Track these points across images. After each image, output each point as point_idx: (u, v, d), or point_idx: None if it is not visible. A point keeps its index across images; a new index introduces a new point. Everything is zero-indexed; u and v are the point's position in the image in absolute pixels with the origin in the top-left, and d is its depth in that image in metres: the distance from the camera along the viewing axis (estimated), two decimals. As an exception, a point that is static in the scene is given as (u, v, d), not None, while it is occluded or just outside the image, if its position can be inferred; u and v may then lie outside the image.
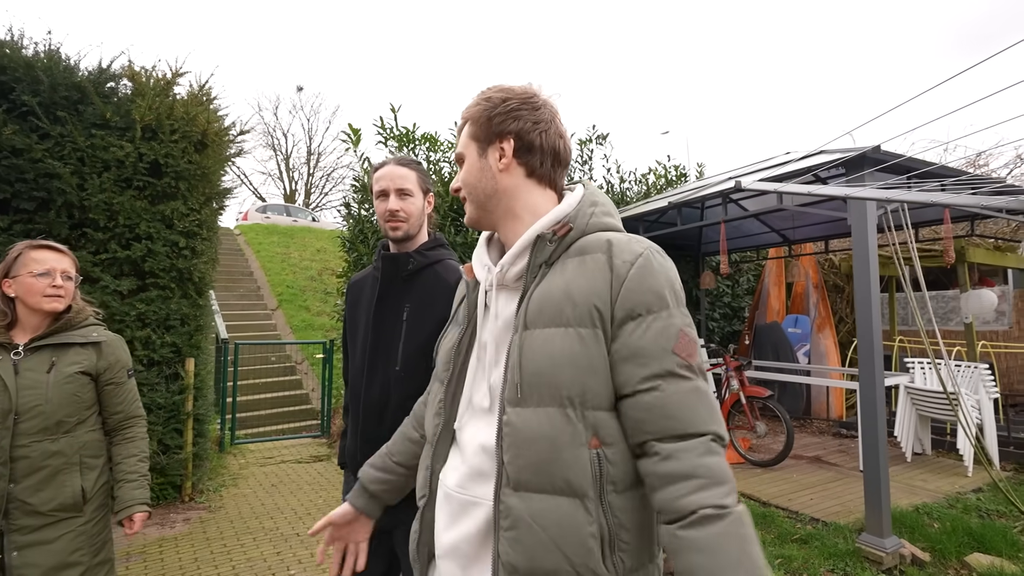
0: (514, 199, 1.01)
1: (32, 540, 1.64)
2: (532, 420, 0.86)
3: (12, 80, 3.77)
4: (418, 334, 1.56)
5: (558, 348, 0.87)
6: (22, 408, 1.64)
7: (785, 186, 1.91)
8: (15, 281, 1.69)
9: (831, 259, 7.97)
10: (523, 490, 0.85)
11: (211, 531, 3.85)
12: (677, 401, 0.84)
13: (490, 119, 1.00)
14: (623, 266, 0.89)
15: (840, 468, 4.93)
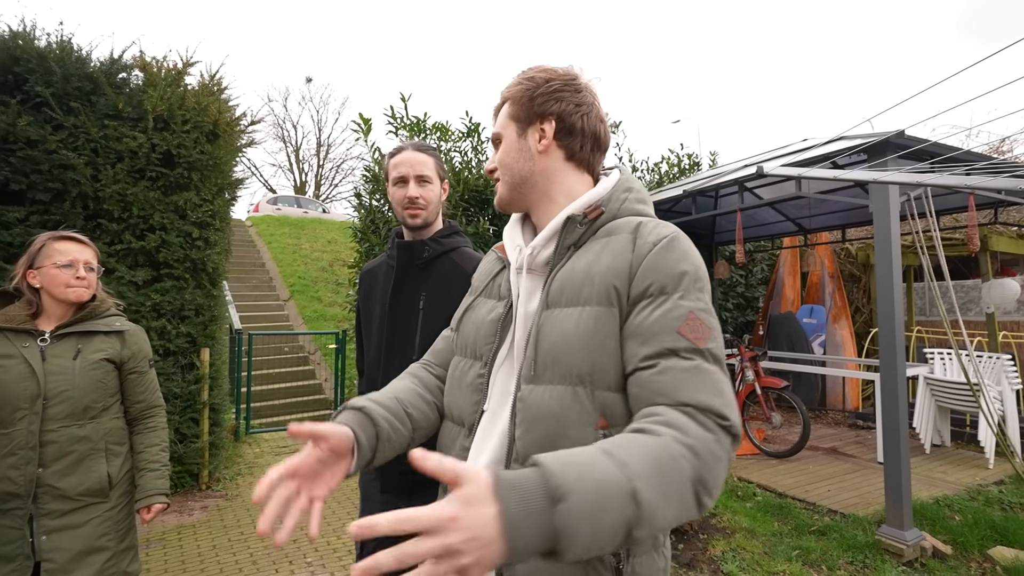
0: (551, 182, 0.99)
1: (61, 524, 1.65)
2: (543, 397, 0.86)
3: (26, 71, 3.78)
4: (435, 322, 1.53)
5: (572, 326, 0.86)
6: (50, 393, 1.66)
7: (809, 171, 1.85)
8: (39, 272, 1.72)
9: (847, 248, 7.84)
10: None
11: (228, 519, 3.89)
12: (673, 379, 0.78)
13: (532, 99, 0.98)
14: (645, 246, 0.87)
15: (857, 460, 4.88)
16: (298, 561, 3.25)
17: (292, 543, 3.49)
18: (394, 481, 1.55)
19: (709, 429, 0.73)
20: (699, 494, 0.69)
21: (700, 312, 0.83)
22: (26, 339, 1.68)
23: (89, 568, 1.68)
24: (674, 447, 0.69)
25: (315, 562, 3.24)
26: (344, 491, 4.48)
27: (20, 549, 1.61)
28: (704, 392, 0.77)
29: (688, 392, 0.77)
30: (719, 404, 0.76)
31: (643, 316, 0.83)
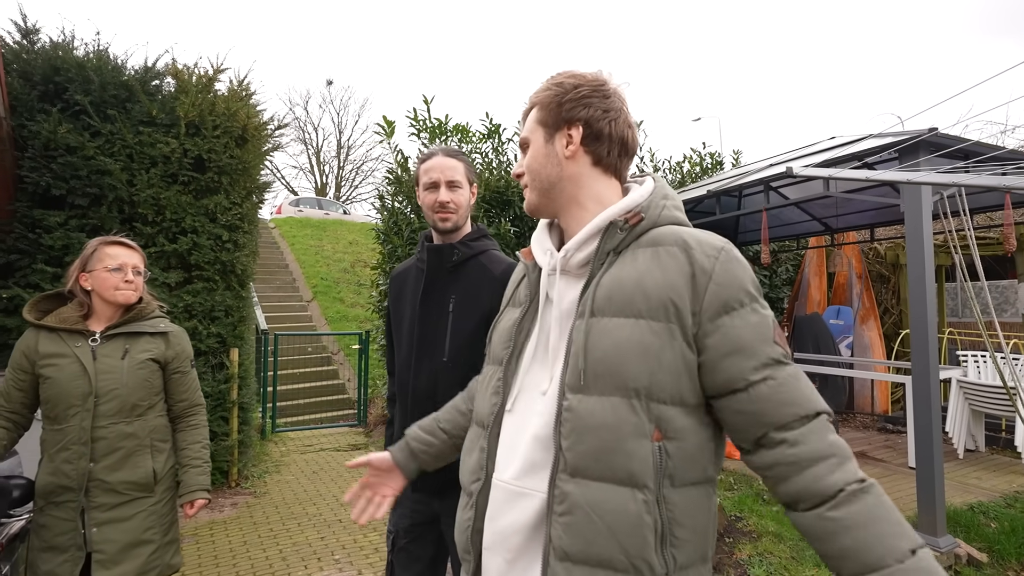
0: (579, 187, 1.00)
1: (110, 517, 1.72)
2: (596, 408, 0.85)
3: (65, 80, 3.91)
4: (465, 324, 1.56)
5: (626, 338, 0.85)
6: (101, 391, 1.72)
7: (840, 172, 1.82)
8: (91, 275, 1.79)
9: (876, 248, 7.68)
10: (581, 477, 0.84)
11: (257, 516, 3.97)
12: (791, 387, 0.84)
13: (560, 105, 0.98)
14: (707, 261, 0.87)
15: (887, 464, 4.78)
16: (326, 558, 3.31)
17: (320, 541, 3.55)
18: (426, 482, 1.58)
19: (832, 430, 0.84)
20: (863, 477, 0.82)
21: (773, 319, 0.88)
22: (78, 339, 1.76)
23: (136, 560, 1.74)
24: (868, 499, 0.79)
25: (343, 559, 3.29)
26: (369, 490, 4.54)
27: (72, 540, 1.68)
28: (817, 399, 0.85)
29: (811, 403, 0.84)
30: (825, 405, 0.85)
31: (736, 330, 0.84)
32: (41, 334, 1.76)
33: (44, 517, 1.70)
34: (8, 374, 1.74)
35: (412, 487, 1.61)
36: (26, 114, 3.82)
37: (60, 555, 1.68)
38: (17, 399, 1.74)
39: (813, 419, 0.83)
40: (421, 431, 1.23)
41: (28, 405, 1.77)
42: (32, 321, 1.76)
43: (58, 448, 1.70)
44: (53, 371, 1.71)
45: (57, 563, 1.67)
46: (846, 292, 7.23)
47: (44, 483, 1.70)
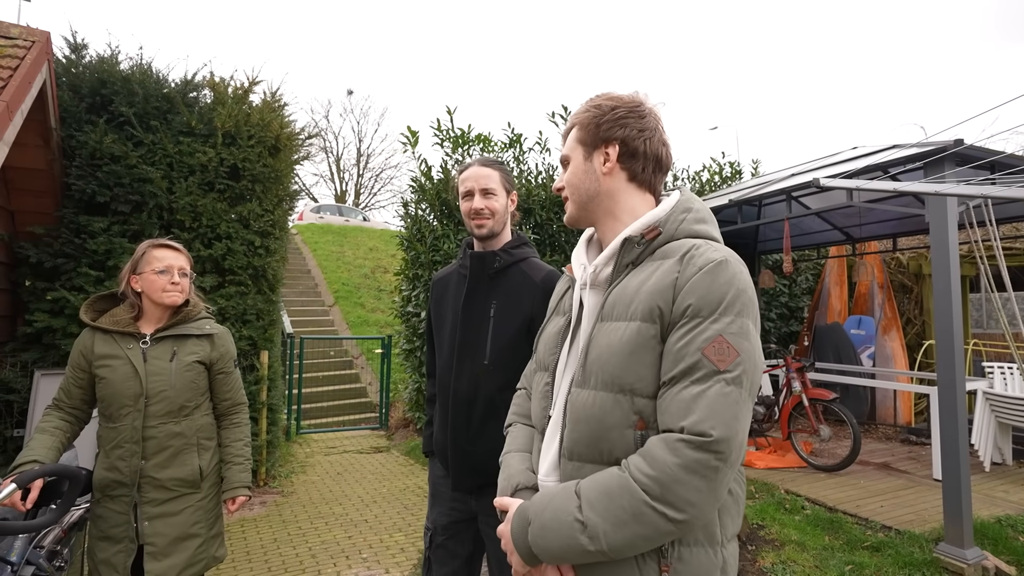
0: (614, 201, 1.09)
1: (160, 512, 1.81)
2: (588, 400, 0.97)
3: (111, 93, 4.10)
4: (506, 329, 1.63)
5: (617, 339, 0.95)
6: (151, 392, 1.81)
7: (868, 184, 1.87)
8: (141, 277, 1.87)
9: (898, 258, 7.61)
10: (575, 459, 0.98)
11: (286, 514, 4.08)
12: (678, 403, 0.87)
13: (598, 125, 1.07)
14: (691, 269, 0.93)
15: (911, 476, 4.74)
16: (354, 556, 3.39)
17: (348, 540, 3.64)
18: (464, 482, 1.65)
19: (678, 454, 0.84)
20: (661, 511, 0.84)
21: (730, 335, 0.88)
22: (129, 341, 1.84)
23: (184, 552, 1.83)
24: (627, 481, 0.87)
25: (370, 558, 3.37)
26: (393, 492, 4.62)
27: (125, 532, 1.78)
28: (698, 414, 0.85)
29: (682, 416, 0.86)
30: (707, 426, 0.84)
31: (676, 336, 0.91)
32: (96, 335, 1.84)
33: (100, 508, 1.80)
34: (68, 372, 1.84)
35: (452, 486, 1.69)
36: (74, 125, 4.01)
37: (115, 545, 1.77)
38: (77, 396, 1.84)
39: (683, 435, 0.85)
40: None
41: (87, 401, 1.86)
42: (87, 322, 1.85)
43: (112, 445, 1.79)
44: (107, 372, 1.79)
45: (112, 552, 1.77)
46: (867, 302, 7.18)
47: (100, 477, 1.79)
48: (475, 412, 1.62)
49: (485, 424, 1.61)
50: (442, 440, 1.71)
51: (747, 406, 0.88)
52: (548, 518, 0.91)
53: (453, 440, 1.65)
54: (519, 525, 0.95)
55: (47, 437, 1.71)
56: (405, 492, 4.61)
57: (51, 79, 3.55)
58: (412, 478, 5.02)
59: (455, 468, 1.66)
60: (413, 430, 6.55)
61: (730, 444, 0.84)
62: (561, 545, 0.88)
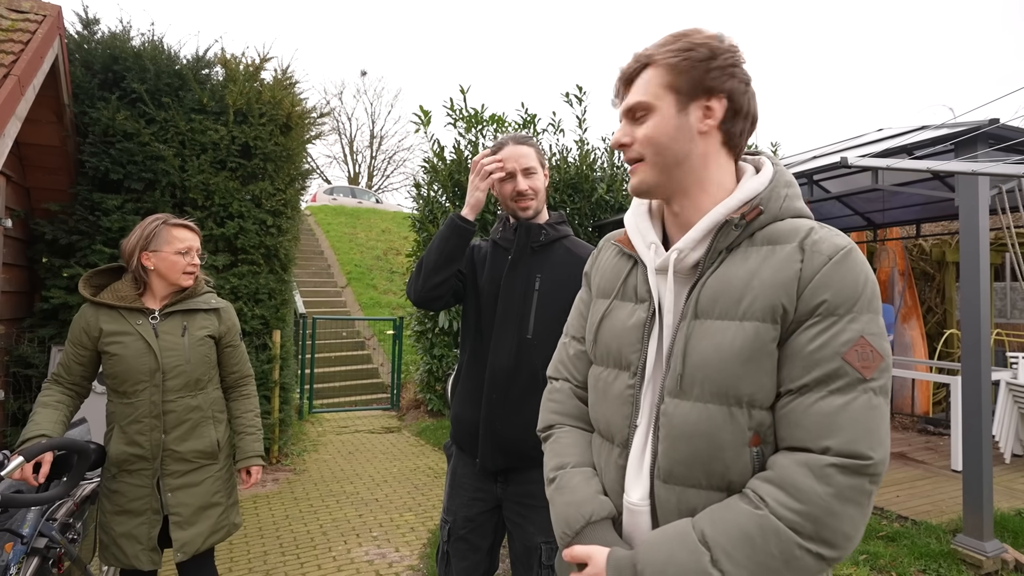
0: (706, 168, 0.88)
1: (182, 483, 1.83)
2: (692, 414, 0.81)
3: (123, 69, 4.07)
4: (552, 304, 1.56)
5: (728, 342, 0.79)
6: (167, 367, 1.80)
7: (899, 162, 1.77)
8: (155, 255, 1.82)
9: (921, 245, 7.42)
10: (674, 483, 0.83)
11: (298, 491, 4.12)
12: (820, 416, 0.74)
13: (707, 70, 0.84)
14: (818, 258, 0.79)
15: (929, 466, 4.66)
16: (364, 535, 3.42)
17: (358, 518, 3.67)
18: (494, 461, 1.59)
19: (830, 482, 0.71)
20: (816, 551, 0.71)
21: (871, 336, 0.76)
22: (138, 317, 1.81)
23: (208, 521, 1.85)
24: (771, 521, 0.72)
25: (380, 536, 3.40)
26: (404, 472, 4.65)
27: (148, 504, 1.78)
28: (848, 433, 0.72)
29: (826, 434, 0.73)
30: (863, 447, 0.72)
31: (808, 337, 0.77)
32: (101, 311, 1.80)
33: (117, 483, 1.79)
34: (68, 348, 1.80)
35: (478, 467, 1.61)
36: (87, 101, 3.99)
37: (136, 518, 1.78)
38: (77, 372, 1.81)
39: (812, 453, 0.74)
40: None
41: (87, 377, 1.85)
42: (89, 298, 1.81)
43: (129, 420, 1.78)
44: (119, 348, 1.77)
45: (133, 525, 1.78)
46: (887, 290, 7.02)
47: (117, 452, 1.78)
48: (514, 388, 1.55)
49: (523, 401, 1.53)
50: (470, 417, 1.62)
51: (888, 418, 0.79)
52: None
53: (486, 417, 1.57)
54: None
55: (51, 411, 1.70)
56: (416, 472, 4.64)
57: (63, 54, 3.53)
58: (423, 458, 5.04)
59: (484, 447, 1.58)
60: (424, 411, 6.59)
61: (885, 465, 0.73)
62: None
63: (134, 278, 1.84)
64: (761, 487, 0.76)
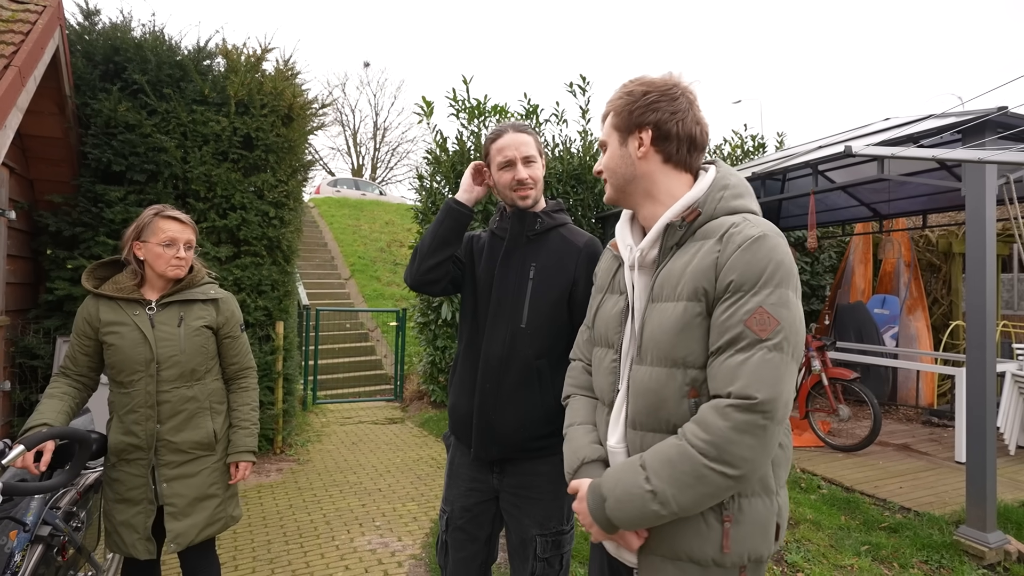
0: (652, 183, 1.13)
1: (177, 474, 1.83)
2: (646, 375, 1.07)
3: (124, 60, 4.06)
4: (547, 292, 1.55)
5: (667, 318, 1.04)
6: (162, 357, 1.81)
7: (906, 151, 1.75)
8: (144, 246, 1.83)
9: (927, 236, 7.36)
10: (638, 428, 1.08)
11: (301, 481, 4.15)
12: (725, 369, 0.96)
13: (631, 112, 1.11)
14: (730, 247, 0.99)
15: (932, 458, 4.64)
16: (367, 524, 3.44)
17: (361, 508, 3.69)
18: (487, 452, 1.59)
19: (728, 417, 0.93)
20: (720, 470, 0.93)
21: (770, 306, 0.95)
22: (136, 308, 1.82)
23: (203, 512, 1.86)
24: (685, 448, 0.96)
25: (383, 526, 3.42)
26: (407, 463, 4.67)
27: (144, 494, 1.80)
28: (744, 380, 0.93)
29: (729, 382, 0.94)
30: (753, 390, 0.92)
31: (720, 311, 0.99)
32: (101, 302, 1.82)
33: (116, 472, 1.81)
34: (73, 340, 1.83)
35: (472, 456, 1.62)
36: (89, 93, 3.99)
37: (133, 507, 1.80)
38: (83, 363, 1.83)
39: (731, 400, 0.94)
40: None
41: (94, 368, 1.86)
42: (91, 289, 1.82)
43: (126, 410, 1.79)
44: (116, 338, 1.78)
45: (131, 514, 1.79)
46: (893, 281, 6.97)
47: (116, 441, 1.80)
48: (508, 378, 1.54)
49: (517, 391, 1.54)
50: (465, 407, 1.61)
51: (790, 368, 0.95)
52: (620, 493, 1.00)
53: (480, 407, 1.56)
54: (595, 502, 1.04)
55: (55, 402, 1.72)
56: (418, 463, 4.66)
57: (64, 45, 3.52)
58: (425, 449, 5.06)
59: (478, 437, 1.57)
60: (427, 402, 6.61)
61: (775, 404, 0.92)
62: (637, 514, 0.98)
63: (132, 270, 1.85)
64: (686, 426, 0.99)
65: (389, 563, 2.96)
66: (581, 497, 1.09)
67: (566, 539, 1.59)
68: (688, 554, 1.02)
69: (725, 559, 1.01)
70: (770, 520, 1.04)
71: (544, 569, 1.55)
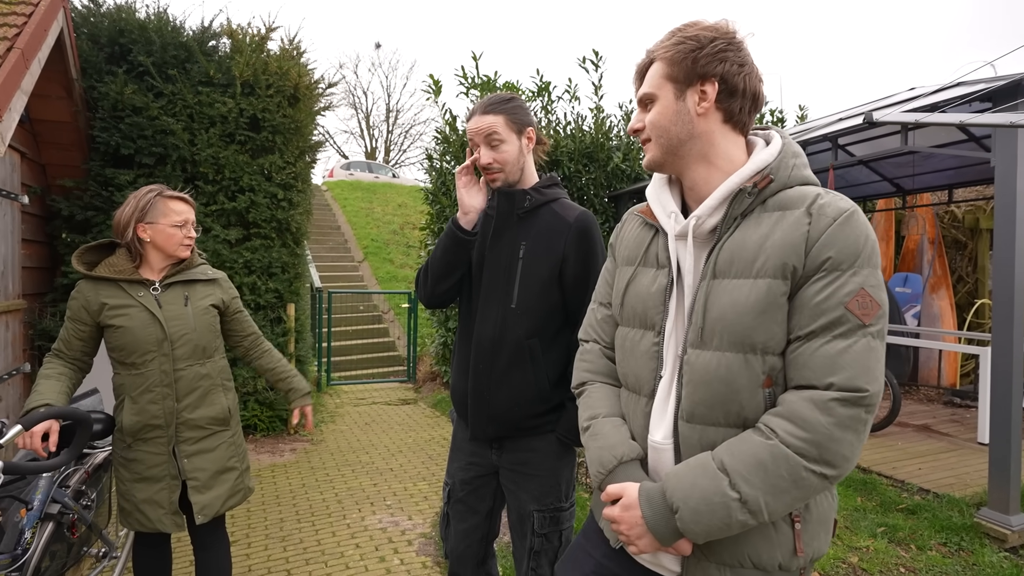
0: (710, 145, 0.99)
1: (197, 449, 1.86)
2: (712, 362, 0.93)
3: (129, 42, 4.04)
4: (536, 272, 1.52)
5: (743, 298, 0.90)
6: (174, 336, 1.81)
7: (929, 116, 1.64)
8: (152, 227, 1.80)
9: (953, 211, 7.11)
10: (696, 422, 0.95)
11: (315, 461, 4.20)
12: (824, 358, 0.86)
13: (696, 60, 0.96)
14: (824, 220, 0.89)
15: (953, 439, 4.54)
16: (379, 503, 3.47)
17: (373, 487, 3.73)
18: (484, 431, 1.59)
19: (831, 413, 0.83)
20: (820, 471, 0.84)
21: (871, 288, 0.86)
22: (139, 289, 1.81)
23: (225, 484, 1.89)
24: (780, 449, 0.85)
25: (394, 505, 3.45)
26: (419, 443, 4.70)
27: (166, 471, 1.82)
28: (849, 370, 0.84)
29: (829, 372, 0.85)
30: (862, 382, 0.84)
31: (815, 290, 0.87)
32: (99, 285, 1.79)
33: (134, 452, 1.81)
34: (67, 324, 1.80)
35: (470, 435, 1.62)
36: (95, 76, 3.98)
37: (156, 484, 1.81)
38: (77, 347, 1.81)
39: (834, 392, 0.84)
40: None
41: (87, 352, 1.85)
42: (85, 272, 1.79)
43: (140, 391, 1.79)
44: (123, 320, 1.77)
45: (154, 491, 1.81)
46: (916, 259, 6.77)
47: (131, 422, 1.79)
48: (500, 359, 1.53)
49: (509, 372, 1.52)
50: (461, 387, 1.62)
51: (884, 358, 0.89)
52: (698, 502, 0.88)
53: (474, 387, 1.56)
54: (658, 512, 0.91)
55: (53, 382, 1.72)
56: (430, 443, 4.69)
57: (68, 27, 3.50)
58: (437, 429, 5.09)
59: (475, 417, 1.58)
60: (440, 383, 6.64)
61: (879, 396, 0.85)
62: (720, 525, 0.87)
63: (128, 250, 1.82)
64: (772, 421, 0.88)
65: (399, 541, 2.99)
66: (628, 505, 0.94)
67: (565, 516, 1.59)
68: (755, 560, 0.92)
69: (792, 563, 0.92)
70: (831, 516, 0.98)
71: (542, 544, 1.56)
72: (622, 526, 0.95)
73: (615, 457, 1.01)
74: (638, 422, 1.03)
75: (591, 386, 1.16)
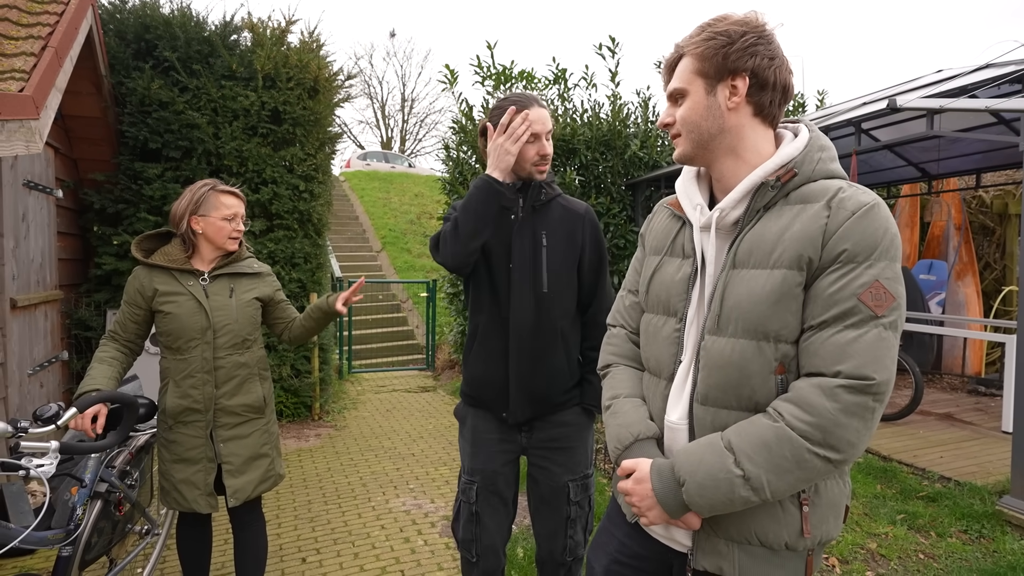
0: (739, 138, 1.00)
1: (233, 435, 1.95)
2: (726, 348, 0.96)
3: (155, 38, 4.12)
4: (560, 258, 1.66)
5: (759, 288, 0.93)
6: (217, 325, 1.91)
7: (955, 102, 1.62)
8: (204, 220, 1.90)
9: (980, 196, 6.94)
10: (709, 404, 0.99)
11: (339, 446, 4.32)
12: (835, 347, 0.88)
13: (726, 55, 0.96)
14: (843, 213, 0.90)
15: (977, 427, 4.49)
16: (402, 487, 3.57)
17: (396, 471, 3.83)
18: (523, 413, 1.66)
19: (837, 399, 0.86)
20: (824, 455, 0.87)
21: (886, 281, 0.88)
22: (189, 278, 1.91)
23: (257, 470, 1.98)
24: (785, 431, 0.88)
25: (416, 488, 3.54)
26: (439, 429, 4.80)
27: (203, 454, 1.91)
28: (858, 359, 0.86)
29: (838, 361, 0.87)
30: (869, 370, 0.85)
31: (829, 281, 0.89)
32: (154, 272, 1.91)
33: (174, 434, 1.92)
34: (124, 308, 1.92)
35: (509, 419, 1.67)
36: (123, 71, 4.08)
37: (193, 466, 1.91)
38: (132, 330, 1.92)
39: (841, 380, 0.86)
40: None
41: (140, 335, 1.96)
42: (142, 260, 1.91)
43: (183, 375, 1.89)
44: (173, 307, 1.87)
45: (191, 472, 1.91)
46: (941, 245, 6.64)
47: (173, 405, 1.89)
48: (539, 341, 1.64)
49: (545, 353, 1.64)
50: (495, 374, 1.65)
51: (897, 349, 0.89)
52: (704, 476, 0.92)
53: (516, 372, 1.63)
54: (666, 485, 0.96)
55: (105, 367, 1.82)
56: (450, 429, 4.78)
57: (97, 24, 3.59)
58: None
59: (516, 401, 1.64)
60: (458, 371, 6.73)
61: (888, 386, 0.87)
62: (723, 500, 0.91)
63: (183, 241, 1.93)
64: (780, 405, 0.91)
65: (423, 523, 3.08)
66: (640, 478, 0.99)
67: (591, 481, 1.75)
68: (761, 538, 0.96)
69: (799, 543, 0.96)
70: (842, 502, 1.00)
71: (577, 512, 1.70)
72: (634, 498, 1.00)
73: (632, 435, 1.06)
74: (657, 403, 1.08)
75: (615, 368, 1.21)
